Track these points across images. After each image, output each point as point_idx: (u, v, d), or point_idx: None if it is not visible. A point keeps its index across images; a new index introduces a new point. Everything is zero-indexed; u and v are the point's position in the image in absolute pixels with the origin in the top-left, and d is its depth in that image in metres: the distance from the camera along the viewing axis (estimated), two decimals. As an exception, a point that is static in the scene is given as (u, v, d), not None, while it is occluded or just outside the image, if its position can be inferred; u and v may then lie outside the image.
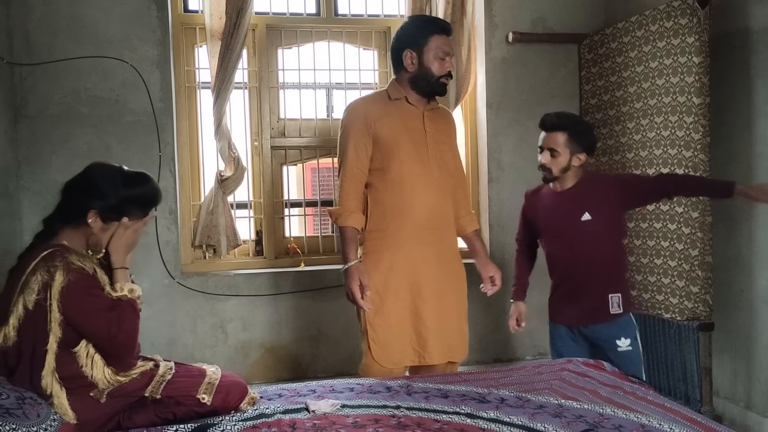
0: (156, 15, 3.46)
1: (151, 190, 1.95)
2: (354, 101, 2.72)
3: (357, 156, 2.57)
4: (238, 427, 1.80)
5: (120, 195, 1.86)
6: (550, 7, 3.90)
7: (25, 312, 1.72)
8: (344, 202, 2.58)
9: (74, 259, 1.77)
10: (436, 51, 2.55)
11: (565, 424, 1.81)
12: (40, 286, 1.71)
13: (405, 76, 2.61)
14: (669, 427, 1.76)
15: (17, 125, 3.32)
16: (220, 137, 3.55)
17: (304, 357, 3.73)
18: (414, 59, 2.56)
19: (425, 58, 2.55)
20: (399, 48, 2.59)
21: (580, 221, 2.68)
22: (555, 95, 3.92)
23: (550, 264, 2.86)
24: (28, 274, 1.73)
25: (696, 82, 3.00)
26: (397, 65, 2.63)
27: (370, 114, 2.58)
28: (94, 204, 1.83)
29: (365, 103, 2.66)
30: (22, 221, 3.32)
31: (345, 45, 3.92)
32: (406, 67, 2.58)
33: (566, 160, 2.70)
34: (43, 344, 1.72)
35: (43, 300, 1.71)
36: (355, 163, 2.57)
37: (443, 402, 2.02)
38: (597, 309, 2.70)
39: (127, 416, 1.81)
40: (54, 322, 1.72)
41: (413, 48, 2.56)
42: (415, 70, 2.57)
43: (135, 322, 1.84)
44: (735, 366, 3.20)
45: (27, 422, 1.54)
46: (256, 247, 3.85)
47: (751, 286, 3.07)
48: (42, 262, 1.74)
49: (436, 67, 2.55)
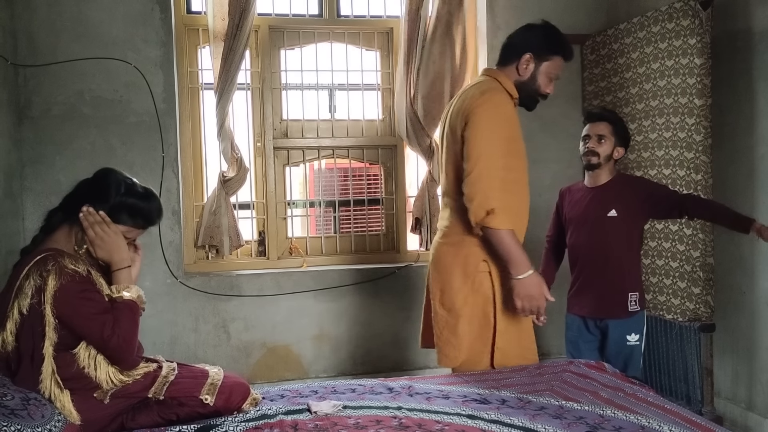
0: (159, 16, 3.48)
1: (149, 206, 1.93)
2: (495, 91, 2.36)
3: (509, 152, 2.34)
4: (241, 427, 1.81)
5: (118, 198, 1.87)
6: (552, 9, 3.89)
7: (21, 317, 1.73)
8: (498, 201, 2.27)
9: (67, 262, 1.78)
10: (554, 71, 2.43)
11: (565, 425, 1.81)
12: (34, 290, 1.73)
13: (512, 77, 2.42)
14: (669, 428, 1.77)
15: (21, 126, 3.34)
16: (222, 138, 3.56)
17: (305, 357, 3.75)
18: (530, 66, 2.40)
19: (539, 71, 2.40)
20: (522, 48, 2.40)
21: (606, 216, 2.81)
22: (557, 96, 3.86)
23: (572, 256, 2.97)
24: (21, 279, 1.75)
25: (698, 83, 3.00)
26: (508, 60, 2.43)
27: (513, 110, 2.42)
28: (93, 202, 1.84)
29: (509, 99, 2.41)
30: (24, 221, 3.34)
31: (347, 46, 3.93)
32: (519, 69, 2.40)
33: (611, 148, 2.84)
34: (40, 349, 1.73)
35: (37, 304, 1.72)
36: (503, 158, 2.31)
37: (444, 403, 2.03)
38: (616, 305, 2.82)
39: (131, 417, 1.82)
40: (49, 326, 1.73)
41: (536, 55, 2.39)
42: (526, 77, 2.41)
43: (131, 325, 1.83)
44: (736, 367, 3.20)
45: (32, 423, 1.55)
46: (259, 248, 3.86)
47: (752, 288, 3.08)
48: (35, 266, 1.75)
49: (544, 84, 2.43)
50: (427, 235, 3.83)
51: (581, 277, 2.92)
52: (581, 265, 2.92)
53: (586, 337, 2.92)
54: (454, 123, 2.37)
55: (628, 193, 2.83)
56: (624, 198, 2.81)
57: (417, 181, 3.95)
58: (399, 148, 3.96)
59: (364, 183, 4.03)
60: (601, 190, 2.87)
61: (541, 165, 3.91)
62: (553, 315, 3.87)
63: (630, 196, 2.81)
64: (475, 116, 2.28)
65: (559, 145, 3.92)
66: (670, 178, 3.17)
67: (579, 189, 2.98)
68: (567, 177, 3.93)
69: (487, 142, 2.27)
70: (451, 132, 2.39)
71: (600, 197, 2.86)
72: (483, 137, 2.27)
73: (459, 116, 2.34)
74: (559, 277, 3.06)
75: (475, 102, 2.30)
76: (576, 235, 2.93)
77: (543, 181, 3.92)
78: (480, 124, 2.27)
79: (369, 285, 3.78)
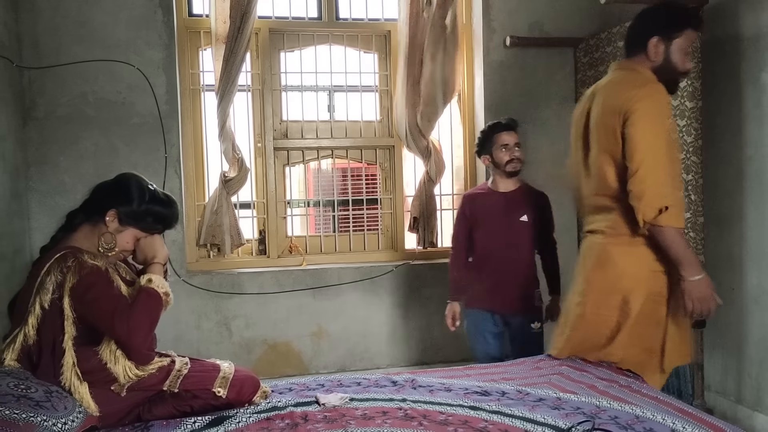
0: (162, 19, 3.53)
1: (172, 213, 2.06)
2: (650, 83, 2.29)
3: (669, 143, 2.26)
4: (253, 419, 1.88)
5: (144, 206, 1.97)
6: (546, 12, 3.99)
7: (42, 311, 1.80)
8: (670, 198, 2.19)
9: (87, 258, 1.86)
10: (687, 45, 2.34)
11: (563, 415, 1.90)
12: (55, 285, 1.80)
13: (646, 64, 2.35)
14: (662, 417, 1.85)
15: (26, 127, 3.39)
16: (224, 139, 3.62)
17: (305, 353, 3.81)
18: (660, 49, 2.32)
19: (671, 51, 2.32)
20: (646, 34, 2.33)
21: (519, 220, 3.06)
22: (552, 98, 4.01)
23: (483, 257, 3.13)
24: (43, 275, 1.82)
25: (689, 86, 3.09)
26: (635, 50, 2.37)
27: (669, 99, 2.36)
28: (117, 205, 1.93)
29: (663, 88, 2.31)
30: (30, 221, 3.39)
31: (346, 48, 4.00)
32: (649, 55, 2.33)
33: (524, 154, 3.12)
34: (61, 342, 1.80)
35: (57, 299, 1.80)
36: (668, 151, 2.25)
37: (447, 395, 2.10)
38: (527, 301, 3.07)
39: (147, 409, 1.89)
40: (67, 320, 1.80)
41: (663, 36, 2.31)
42: (660, 61, 2.33)
43: (145, 314, 1.87)
44: (726, 361, 3.30)
45: (56, 414, 1.61)
46: (259, 246, 3.93)
47: (741, 285, 3.17)
48: (56, 263, 1.83)
49: (681, 61, 2.34)
50: (425, 234, 3.91)
51: (494, 277, 3.07)
52: (494, 266, 3.08)
53: (492, 329, 3.11)
54: (610, 122, 2.27)
55: (535, 202, 3.11)
56: (533, 205, 3.10)
57: (414, 181, 4.02)
58: (396, 149, 4.03)
59: (363, 183, 4.10)
60: (513, 195, 3.10)
61: (535, 166, 3.97)
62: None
63: (536, 205, 3.11)
64: (637, 112, 2.20)
65: (551, 146, 3.99)
66: (662, 178, 3.25)
67: (490, 194, 3.15)
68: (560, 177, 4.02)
69: (653, 136, 2.20)
70: (606, 131, 2.29)
71: (514, 202, 3.08)
72: (648, 132, 2.19)
73: (615, 114, 2.25)
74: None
75: (635, 97, 2.21)
76: (490, 238, 3.10)
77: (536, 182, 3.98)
78: (643, 119, 2.19)
79: (367, 283, 3.86)
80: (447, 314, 3.16)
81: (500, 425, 1.84)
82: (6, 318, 1.98)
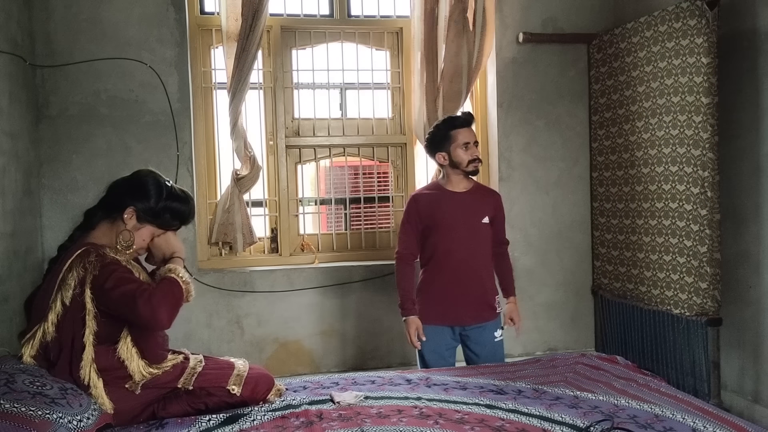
0: (174, 17, 3.53)
1: (189, 209, 2.06)
2: None
3: None
4: (268, 416, 1.87)
5: (162, 203, 1.97)
6: (560, 8, 3.96)
7: (63, 308, 1.80)
8: None
9: (108, 252, 1.86)
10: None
11: (581, 414, 1.87)
12: (77, 281, 1.80)
13: None
14: (682, 417, 1.83)
15: (39, 125, 3.39)
16: (236, 137, 3.61)
17: (316, 352, 3.80)
18: None
19: None
20: None
21: (481, 223, 2.87)
22: (564, 95, 3.98)
23: (439, 265, 2.86)
24: (65, 272, 1.82)
25: (704, 81, 3.06)
26: None
27: None
28: (135, 202, 1.93)
29: None
30: (42, 219, 3.40)
31: (358, 45, 3.98)
32: None
33: None
34: (80, 337, 1.79)
35: (78, 295, 1.79)
36: None
37: (462, 394, 2.09)
38: (489, 309, 2.89)
39: (162, 406, 1.89)
40: (89, 314, 1.79)
41: None
42: None
43: (167, 297, 1.82)
44: (743, 360, 3.26)
45: (71, 411, 1.61)
46: (271, 244, 3.92)
47: (758, 282, 3.14)
48: (78, 259, 1.83)
49: None
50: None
51: (453, 286, 2.82)
52: (453, 273, 2.82)
53: (450, 344, 2.89)
54: None
55: (491, 202, 2.94)
56: (490, 206, 2.92)
57: (426, 179, 4.00)
58: (408, 146, 4.01)
59: (374, 180, 4.08)
60: (470, 195, 2.89)
61: (548, 163, 3.97)
62: (556, 310, 3.94)
63: (491, 206, 2.92)
64: None
65: (565, 143, 3.97)
66: (677, 175, 3.23)
67: (444, 194, 2.88)
68: (574, 175, 4.00)
69: None
70: None
71: (473, 203, 2.87)
72: None
73: None
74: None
75: None
76: (448, 242, 2.82)
77: (549, 179, 3.99)
78: None
79: (379, 281, 3.84)
80: (410, 332, 2.79)
81: (517, 424, 1.82)
82: (19, 316, 1.99)
